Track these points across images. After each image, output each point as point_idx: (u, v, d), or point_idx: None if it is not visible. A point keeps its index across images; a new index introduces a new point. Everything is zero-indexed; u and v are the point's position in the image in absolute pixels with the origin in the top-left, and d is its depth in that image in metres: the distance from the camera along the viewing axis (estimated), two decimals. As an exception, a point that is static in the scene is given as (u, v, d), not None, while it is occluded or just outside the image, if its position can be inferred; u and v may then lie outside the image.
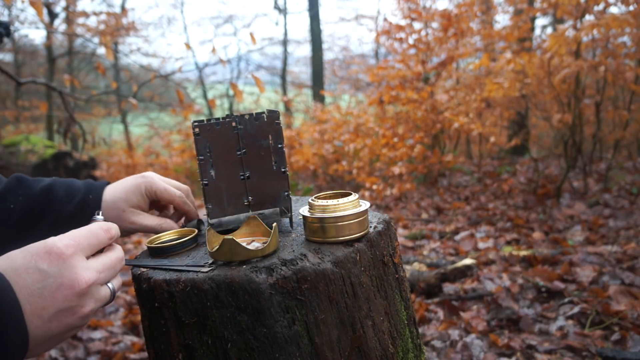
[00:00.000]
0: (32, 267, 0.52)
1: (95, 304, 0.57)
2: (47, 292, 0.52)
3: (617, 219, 3.93)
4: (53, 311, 0.52)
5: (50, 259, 0.53)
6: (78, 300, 0.54)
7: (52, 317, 0.52)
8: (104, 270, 0.59)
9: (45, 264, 0.52)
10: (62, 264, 0.53)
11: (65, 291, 0.53)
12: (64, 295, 0.53)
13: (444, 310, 2.41)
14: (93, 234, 0.60)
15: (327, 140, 7.27)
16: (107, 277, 0.60)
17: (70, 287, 0.53)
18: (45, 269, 0.52)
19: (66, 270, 0.53)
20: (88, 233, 0.59)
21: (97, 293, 0.57)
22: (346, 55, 16.76)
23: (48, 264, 0.52)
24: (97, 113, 13.18)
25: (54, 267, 0.53)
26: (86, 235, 0.59)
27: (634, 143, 7.24)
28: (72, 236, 0.57)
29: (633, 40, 4.64)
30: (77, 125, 4.37)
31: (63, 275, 0.53)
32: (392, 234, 0.87)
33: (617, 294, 2.32)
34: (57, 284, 0.52)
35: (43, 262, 0.53)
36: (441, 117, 6.17)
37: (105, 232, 0.62)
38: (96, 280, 0.57)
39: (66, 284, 0.53)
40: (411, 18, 6.57)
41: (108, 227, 0.64)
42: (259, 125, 0.85)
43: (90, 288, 0.56)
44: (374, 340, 0.76)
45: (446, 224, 4.35)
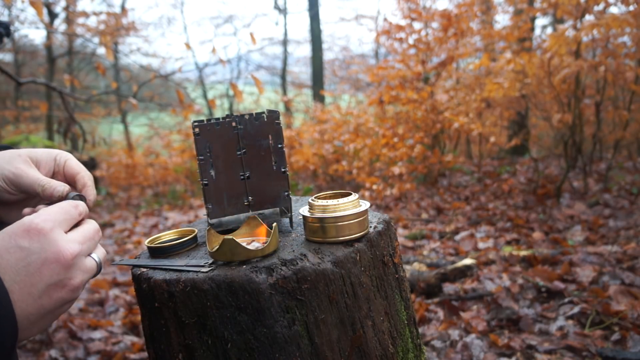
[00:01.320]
0: (13, 246, 0.52)
1: (83, 275, 0.57)
2: (33, 269, 0.52)
3: (617, 219, 3.93)
4: (42, 287, 0.52)
5: (30, 235, 0.53)
6: (65, 273, 0.54)
7: (42, 293, 0.52)
8: (85, 242, 0.59)
9: (26, 242, 0.52)
10: (43, 239, 0.53)
11: (51, 265, 0.53)
12: (51, 269, 0.53)
13: (444, 310, 2.41)
14: (64, 209, 0.60)
15: (327, 140, 7.27)
16: (90, 248, 0.60)
17: (55, 260, 0.53)
18: (27, 246, 0.52)
19: (48, 244, 0.53)
20: (60, 209, 0.59)
21: (82, 264, 0.58)
22: (346, 55, 16.76)
23: (29, 241, 0.52)
24: (97, 113, 13.18)
25: (35, 243, 0.53)
26: (59, 211, 0.59)
27: (634, 143, 7.24)
28: (46, 212, 0.57)
29: (633, 40, 4.64)
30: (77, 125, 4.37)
31: (46, 250, 0.53)
32: (392, 234, 0.87)
33: (617, 294, 2.32)
34: (41, 259, 0.52)
35: (23, 240, 0.52)
36: (441, 117, 6.18)
37: (74, 208, 0.62)
38: (80, 251, 0.57)
39: (51, 258, 0.53)
40: (411, 18, 6.57)
41: (76, 204, 0.63)
42: (259, 125, 0.85)
43: (75, 260, 0.56)
44: (374, 340, 0.76)
45: (446, 224, 4.35)
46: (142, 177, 9.04)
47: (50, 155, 0.78)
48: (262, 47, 16.27)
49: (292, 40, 19.67)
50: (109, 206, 7.27)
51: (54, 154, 0.79)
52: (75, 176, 0.78)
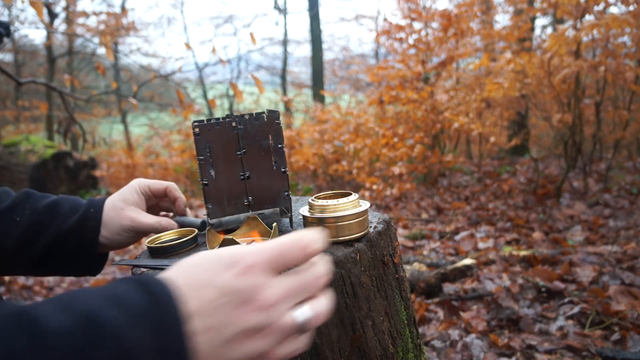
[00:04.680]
0: (211, 282, 0.46)
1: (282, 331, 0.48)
2: (228, 309, 0.46)
3: (617, 219, 3.93)
4: (232, 332, 0.46)
5: (234, 273, 0.47)
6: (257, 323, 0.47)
7: (230, 338, 0.46)
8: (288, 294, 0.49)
9: (228, 278, 0.47)
10: (246, 280, 0.47)
11: (245, 309, 0.46)
12: (243, 315, 0.46)
13: (444, 310, 2.41)
14: (283, 251, 0.50)
15: (327, 140, 7.27)
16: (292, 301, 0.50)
17: (249, 304, 0.47)
18: (227, 283, 0.46)
19: (248, 286, 0.47)
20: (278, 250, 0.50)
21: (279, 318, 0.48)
22: (346, 55, 16.76)
23: (231, 278, 0.47)
24: (97, 113, 13.18)
25: (236, 282, 0.47)
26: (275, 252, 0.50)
27: (634, 143, 7.24)
28: (260, 249, 0.49)
29: (633, 40, 4.64)
30: (77, 125, 4.37)
31: (243, 292, 0.47)
32: (392, 234, 0.87)
33: (617, 294, 2.32)
34: (238, 301, 0.46)
35: (226, 275, 0.47)
36: (441, 117, 6.18)
37: (300, 249, 0.50)
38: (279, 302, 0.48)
39: (245, 301, 0.46)
40: (411, 18, 6.57)
41: (305, 244, 0.51)
42: (259, 125, 0.85)
43: (273, 309, 0.48)
44: (374, 340, 0.76)
45: (446, 224, 4.35)
46: (142, 177, 9.03)
47: (136, 189, 0.95)
48: (262, 47, 16.28)
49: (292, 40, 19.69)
50: (109, 206, 7.26)
51: (135, 187, 0.95)
52: (165, 190, 0.97)
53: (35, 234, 0.87)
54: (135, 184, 0.96)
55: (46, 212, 0.89)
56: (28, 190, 0.92)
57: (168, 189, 0.98)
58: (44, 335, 0.38)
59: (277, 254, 0.49)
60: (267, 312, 0.47)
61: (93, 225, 0.88)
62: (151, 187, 0.96)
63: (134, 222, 0.89)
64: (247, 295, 0.47)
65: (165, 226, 0.91)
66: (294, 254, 0.50)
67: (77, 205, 0.92)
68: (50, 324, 0.38)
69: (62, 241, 0.88)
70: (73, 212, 0.90)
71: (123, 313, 0.41)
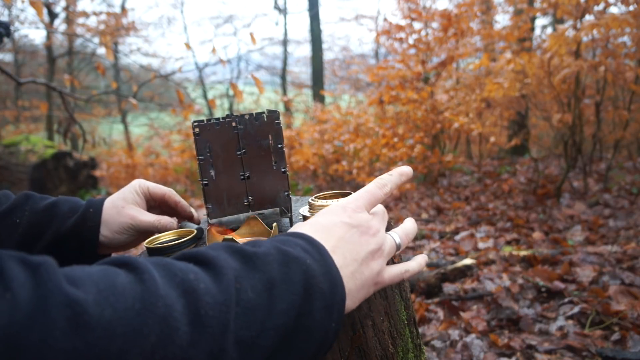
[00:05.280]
0: (338, 221, 0.60)
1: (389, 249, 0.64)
2: (355, 239, 0.59)
3: (617, 219, 3.93)
4: (362, 255, 0.59)
5: (348, 214, 0.62)
6: (376, 245, 0.61)
7: (362, 260, 0.59)
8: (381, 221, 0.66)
9: (347, 218, 0.61)
10: (358, 217, 0.62)
11: (366, 237, 0.61)
12: (367, 241, 0.60)
13: (444, 310, 2.41)
14: (370, 192, 0.66)
15: (327, 140, 7.27)
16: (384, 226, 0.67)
17: (367, 233, 0.61)
18: (348, 222, 0.60)
19: (362, 220, 0.62)
20: (366, 193, 0.66)
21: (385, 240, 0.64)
22: (346, 55, 16.77)
23: (348, 218, 0.61)
24: (97, 113, 13.18)
25: (353, 220, 0.61)
26: (365, 195, 0.66)
27: (634, 143, 7.24)
28: (357, 196, 0.66)
29: (633, 40, 4.64)
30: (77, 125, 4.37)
31: (361, 225, 0.61)
32: (392, 234, 0.87)
33: (617, 294, 2.32)
34: (360, 231, 0.60)
35: (344, 217, 0.61)
36: (441, 117, 6.18)
37: (379, 189, 0.68)
38: (381, 228, 0.64)
39: (365, 231, 0.61)
40: (411, 18, 6.58)
41: (383, 184, 0.68)
42: (259, 125, 0.85)
43: (380, 234, 0.63)
44: (373, 340, 0.76)
45: (446, 224, 4.35)
46: (142, 177, 9.03)
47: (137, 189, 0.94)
48: (262, 47, 16.28)
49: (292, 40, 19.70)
50: (109, 206, 7.26)
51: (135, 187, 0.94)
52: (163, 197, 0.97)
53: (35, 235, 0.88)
54: (136, 184, 0.96)
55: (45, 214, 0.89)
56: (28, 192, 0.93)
57: (167, 196, 0.97)
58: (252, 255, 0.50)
59: (369, 195, 0.66)
60: (378, 236, 0.62)
61: (92, 225, 0.88)
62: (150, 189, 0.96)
63: (134, 220, 0.89)
64: (364, 226, 0.61)
65: (165, 224, 0.91)
66: (378, 193, 0.67)
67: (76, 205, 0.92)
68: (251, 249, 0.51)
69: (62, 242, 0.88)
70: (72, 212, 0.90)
71: (294, 246, 0.54)
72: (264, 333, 0.46)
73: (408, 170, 0.73)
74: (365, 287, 0.59)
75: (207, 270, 0.47)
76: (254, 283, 0.47)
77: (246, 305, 0.46)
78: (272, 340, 0.47)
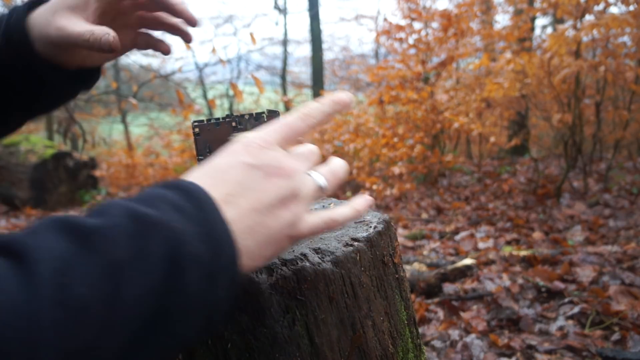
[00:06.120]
0: (236, 162, 0.49)
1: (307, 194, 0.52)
2: (257, 183, 0.49)
3: (617, 219, 3.93)
4: (267, 203, 0.48)
5: (251, 152, 0.50)
6: (287, 189, 0.50)
7: (266, 209, 0.48)
8: (300, 160, 0.54)
9: (248, 157, 0.50)
10: (264, 155, 0.50)
11: (273, 179, 0.49)
12: (274, 184, 0.49)
13: (444, 310, 2.41)
14: (288, 125, 0.55)
15: (327, 140, 7.28)
16: (306, 167, 0.55)
17: (276, 174, 0.50)
18: (250, 162, 0.49)
19: (270, 159, 0.50)
20: (282, 125, 0.55)
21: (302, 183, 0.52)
22: (346, 55, 16.78)
23: (250, 157, 0.50)
24: (97, 113, 13.18)
25: (257, 159, 0.50)
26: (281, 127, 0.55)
27: (634, 143, 7.24)
28: (268, 128, 0.54)
29: (633, 40, 4.64)
30: (77, 125, 4.37)
31: (268, 165, 0.50)
32: (392, 234, 0.87)
33: (617, 294, 2.32)
34: (264, 173, 0.49)
35: (245, 156, 0.50)
36: (441, 117, 6.18)
37: (302, 120, 0.56)
38: (299, 168, 0.52)
39: (272, 172, 0.49)
40: (411, 18, 6.58)
41: (308, 114, 0.56)
42: (259, 125, 0.85)
43: (295, 175, 0.51)
44: (374, 340, 0.76)
45: (446, 224, 4.35)
46: (142, 177, 9.04)
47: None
48: (262, 47, 16.28)
49: (292, 40, 19.71)
50: (109, 206, 7.27)
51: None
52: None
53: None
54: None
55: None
56: None
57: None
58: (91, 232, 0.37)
59: (285, 128, 0.54)
60: (293, 178, 0.50)
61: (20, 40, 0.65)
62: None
63: (60, 32, 0.64)
64: (271, 166, 0.50)
65: (98, 35, 0.63)
66: (298, 125, 0.55)
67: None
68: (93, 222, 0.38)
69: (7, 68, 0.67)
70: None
71: (160, 205, 0.42)
72: (106, 333, 0.35)
73: (344, 96, 0.60)
74: (273, 242, 0.49)
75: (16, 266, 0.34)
76: (88, 271, 0.35)
77: (75, 305, 0.34)
78: (122, 337, 0.36)
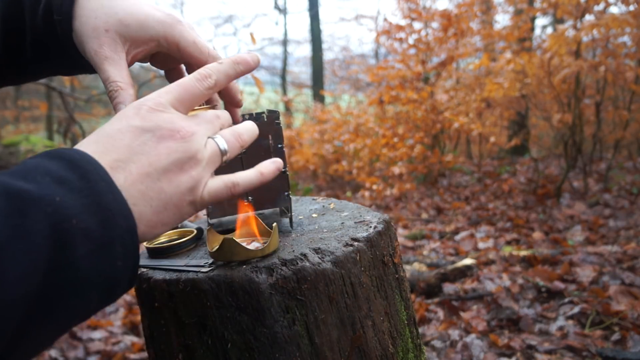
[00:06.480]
0: (125, 126, 0.46)
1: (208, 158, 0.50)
2: (149, 147, 0.45)
3: (617, 219, 3.93)
4: (160, 167, 0.45)
5: (141, 115, 0.47)
6: (184, 152, 0.47)
7: (160, 174, 0.45)
8: (201, 123, 0.51)
9: (138, 121, 0.46)
10: (157, 117, 0.47)
11: (167, 142, 0.46)
12: (168, 147, 0.46)
13: (444, 310, 2.41)
14: (183, 86, 0.51)
15: (327, 140, 7.28)
16: (208, 131, 0.51)
17: (171, 137, 0.46)
18: (140, 125, 0.46)
19: (163, 122, 0.47)
20: (177, 86, 0.51)
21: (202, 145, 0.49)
22: (346, 55, 16.78)
23: (141, 120, 0.46)
24: (97, 113, 13.17)
25: (148, 122, 0.47)
26: (176, 88, 0.51)
27: (634, 143, 7.24)
28: (159, 92, 0.50)
29: (633, 40, 4.64)
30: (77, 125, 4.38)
31: (162, 127, 0.47)
32: (392, 234, 0.87)
33: (617, 294, 2.32)
34: (156, 136, 0.46)
35: (135, 119, 0.47)
36: (441, 117, 6.18)
37: (197, 80, 0.51)
38: (197, 131, 0.49)
39: (166, 135, 0.46)
40: (411, 18, 6.58)
41: (204, 74, 0.52)
42: (259, 125, 0.84)
43: (193, 138, 0.48)
44: (374, 340, 0.76)
45: (446, 224, 4.35)
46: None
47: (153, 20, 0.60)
48: (262, 47, 16.29)
49: (292, 40, 19.71)
50: (109, 206, 7.27)
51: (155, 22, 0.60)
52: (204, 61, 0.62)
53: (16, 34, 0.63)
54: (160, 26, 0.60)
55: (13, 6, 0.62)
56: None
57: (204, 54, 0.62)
58: None
59: (180, 89, 0.50)
60: (189, 140, 0.47)
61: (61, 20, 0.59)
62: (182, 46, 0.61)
63: (93, 59, 0.59)
64: (164, 129, 0.47)
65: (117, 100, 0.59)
66: (194, 87, 0.51)
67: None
68: None
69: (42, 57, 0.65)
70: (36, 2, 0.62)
71: (41, 179, 0.39)
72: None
73: (245, 56, 0.55)
74: (172, 208, 0.46)
75: None
76: None
77: None
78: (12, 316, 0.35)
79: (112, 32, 0.58)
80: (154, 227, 0.46)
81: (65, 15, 0.58)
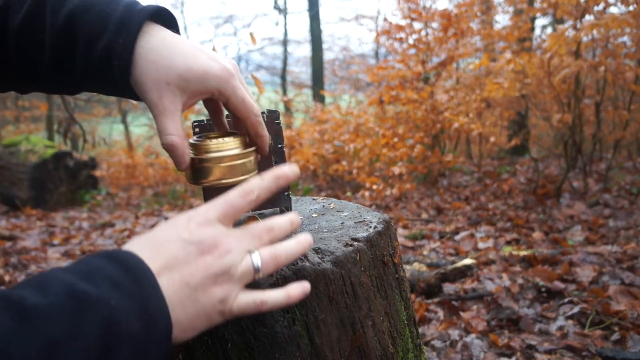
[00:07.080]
0: (175, 237, 0.52)
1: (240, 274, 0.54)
2: (191, 259, 0.51)
3: (617, 219, 3.93)
4: (198, 278, 0.51)
5: (190, 229, 0.53)
6: (220, 268, 0.52)
7: (197, 284, 0.51)
8: (244, 239, 0.55)
9: (187, 234, 0.53)
10: (202, 232, 0.53)
11: (207, 257, 0.52)
12: (205, 261, 0.52)
13: (444, 310, 2.41)
14: (229, 202, 0.56)
15: (327, 140, 7.28)
16: (250, 245, 0.56)
17: (210, 252, 0.52)
18: (187, 238, 0.52)
19: (206, 237, 0.53)
20: (223, 203, 0.56)
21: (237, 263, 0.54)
22: (346, 55, 16.79)
23: (189, 235, 0.53)
24: (97, 113, 13.19)
25: (193, 236, 0.53)
26: (221, 204, 0.56)
27: (634, 143, 7.24)
28: (210, 205, 0.56)
29: (633, 40, 4.64)
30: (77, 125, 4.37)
31: (204, 243, 0.52)
32: (392, 234, 0.87)
33: (617, 294, 2.32)
34: (199, 250, 0.52)
35: (184, 232, 0.53)
36: (441, 117, 6.18)
37: (241, 197, 0.56)
38: (235, 247, 0.54)
39: (206, 250, 0.52)
40: (411, 18, 6.58)
41: (247, 190, 0.57)
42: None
43: (230, 255, 0.53)
44: (374, 340, 0.76)
45: (446, 224, 4.35)
46: (142, 177, 9.04)
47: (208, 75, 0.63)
48: (262, 47, 16.29)
49: (292, 40, 19.69)
50: (109, 206, 7.28)
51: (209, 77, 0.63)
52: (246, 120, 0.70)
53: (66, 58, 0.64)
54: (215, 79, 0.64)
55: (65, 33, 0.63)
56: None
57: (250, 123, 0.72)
58: (31, 311, 0.39)
59: (226, 205, 0.56)
60: (227, 257, 0.53)
61: (120, 65, 0.61)
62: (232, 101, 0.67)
63: (152, 107, 0.62)
64: (206, 244, 0.52)
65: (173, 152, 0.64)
66: (238, 203, 0.56)
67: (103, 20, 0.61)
68: (32, 300, 0.40)
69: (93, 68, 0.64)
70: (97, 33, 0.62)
71: (100, 282, 0.44)
72: None
73: (287, 171, 0.59)
74: (203, 316, 0.52)
75: None
76: (27, 352, 0.37)
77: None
78: None
79: (172, 86, 0.62)
80: (185, 331, 0.51)
81: (126, 62, 0.61)
